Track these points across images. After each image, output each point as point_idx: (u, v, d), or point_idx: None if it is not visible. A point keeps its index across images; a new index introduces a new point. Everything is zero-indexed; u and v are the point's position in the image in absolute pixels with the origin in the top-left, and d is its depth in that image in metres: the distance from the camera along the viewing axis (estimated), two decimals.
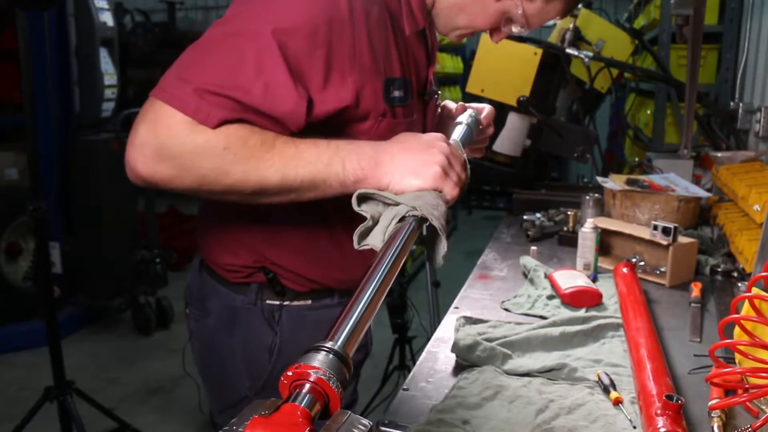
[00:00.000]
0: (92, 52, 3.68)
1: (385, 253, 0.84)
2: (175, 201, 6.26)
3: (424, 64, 1.21)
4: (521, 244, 2.00)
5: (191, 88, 0.91)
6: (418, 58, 1.17)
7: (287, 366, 1.01)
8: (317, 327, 1.14)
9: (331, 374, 0.61)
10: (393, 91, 1.08)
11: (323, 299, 1.23)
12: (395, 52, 1.09)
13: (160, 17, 7.81)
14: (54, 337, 2.48)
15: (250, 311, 1.20)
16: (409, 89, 1.12)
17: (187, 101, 0.90)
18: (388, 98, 1.08)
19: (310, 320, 1.22)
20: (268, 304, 1.20)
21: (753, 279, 1.04)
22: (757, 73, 2.81)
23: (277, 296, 1.20)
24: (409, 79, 1.13)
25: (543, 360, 1.19)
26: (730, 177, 1.98)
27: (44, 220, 2.46)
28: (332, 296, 1.24)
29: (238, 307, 1.21)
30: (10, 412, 2.91)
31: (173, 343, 3.91)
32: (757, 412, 1.00)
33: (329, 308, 1.23)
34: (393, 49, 1.08)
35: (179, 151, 0.91)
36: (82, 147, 3.85)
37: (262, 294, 1.20)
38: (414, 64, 1.16)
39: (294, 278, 1.19)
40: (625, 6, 6.08)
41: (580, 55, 2.41)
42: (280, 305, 1.20)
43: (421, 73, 1.20)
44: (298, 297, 1.21)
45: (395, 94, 1.09)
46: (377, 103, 1.06)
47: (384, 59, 1.06)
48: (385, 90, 1.07)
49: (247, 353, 1.23)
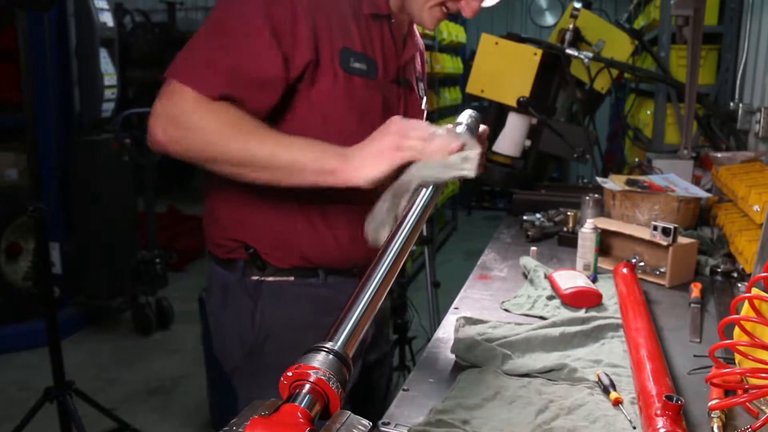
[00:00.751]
0: (92, 52, 3.68)
1: (384, 253, 0.84)
2: (175, 201, 6.26)
3: (393, 52, 1.28)
4: (521, 244, 2.00)
5: (195, 66, 1.09)
6: (385, 44, 1.26)
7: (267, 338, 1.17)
8: (298, 302, 1.28)
9: (331, 375, 0.61)
10: (353, 62, 1.19)
11: (308, 278, 1.30)
12: (355, 28, 1.20)
13: (160, 17, 7.80)
14: (54, 338, 2.48)
15: (237, 287, 1.30)
16: (374, 67, 1.22)
17: (192, 76, 1.08)
18: (346, 66, 1.18)
19: (291, 295, 1.29)
20: (252, 279, 1.29)
21: (753, 279, 1.04)
22: (757, 73, 2.81)
23: (258, 271, 1.29)
24: (373, 58, 1.22)
25: (543, 360, 1.19)
26: (730, 177, 1.98)
27: (44, 221, 2.46)
28: (317, 276, 1.31)
29: (229, 284, 1.32)
30: (9, 413, 2.91)
31: (173, 343, 3.91)
32: (757, 413, 1.01)
33: (314, 287, 1.30)
34: (352, 25, 1.20)
35: (185, 121, 1.09)
36: (82, 147, 3.85)
37: (246, 270, 1.29)
38: (381, 49, 1.25)
39: (273, 254, 1.28)
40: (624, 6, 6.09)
41: (580, 55, 2.41)
42: (261, 280, 1.29)
43: (390, 60, 1.27)
44: (279, 273, 1.29)
45: (355, 65, 1.19)
46: (333, 66, 1.17)
47: (341, 30, 1.17)
48: (342, 57, 1.17)
49: (238, 326, 1.32)
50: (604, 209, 2.04)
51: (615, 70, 2.63)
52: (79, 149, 3.86)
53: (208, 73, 1.08)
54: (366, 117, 1.22)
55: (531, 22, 7.85)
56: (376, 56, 1.24)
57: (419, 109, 1.42)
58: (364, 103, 1.23)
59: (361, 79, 1.21)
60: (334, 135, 1.15)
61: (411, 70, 1.37)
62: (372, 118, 1.22)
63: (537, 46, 2.42)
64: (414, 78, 1.39)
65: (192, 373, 3.41)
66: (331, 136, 1.14)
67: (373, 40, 1.24)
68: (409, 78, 1.36)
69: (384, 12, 1.25)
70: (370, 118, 1.22)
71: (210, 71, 1.09)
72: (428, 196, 1.03)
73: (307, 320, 1.30)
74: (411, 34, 1.35)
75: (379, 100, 1.25)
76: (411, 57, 1.35)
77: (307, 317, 1.30)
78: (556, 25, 2.72)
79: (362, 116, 1.22)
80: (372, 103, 1.24)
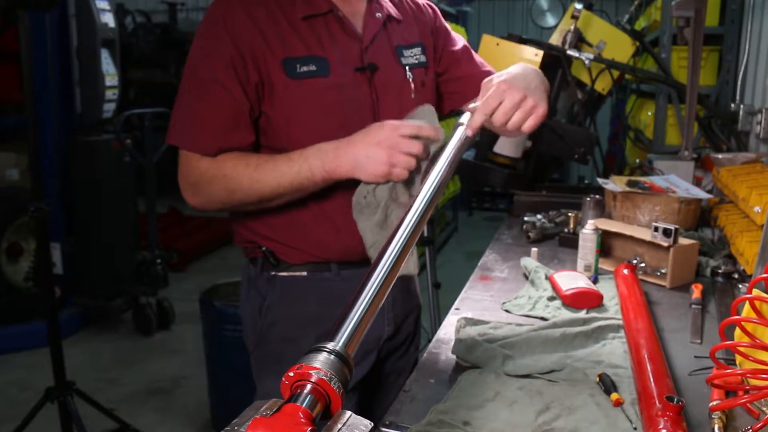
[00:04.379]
0: (93, 53, 3.68)
1: (384, 253, 0.84)
2: (176, 202, 6.26)
3: (347, 42, 1.30)
4: (522, 245, 2.00)
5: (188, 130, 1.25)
6: (337, 38, 1.29)
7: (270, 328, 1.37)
8: (305, 296, 1.36)
9: (333, 375, 0.61)
10: (300, 68, 1.24)
11: (322, 272, 1.37)
12: (294, 34, 1.25)
13: (161, 18, 7.81)
14: (55, 338, 2.48)
15: (256, 281, 1.41)
16: (325, 65, 1.26)
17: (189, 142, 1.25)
18: (292, 73, 1.24)
19: (299, 289, 1.37)
20: (268, 274, 1.39)
21: (754, 281, 1.04)
22: (758, 74, 2.81)
23: (273, 267, 1.38)
24: (322, 56, 1.26)
25: (544, 361, 1.19)
26: (731, 178, 1.98)
27: (45, 221, 2.46)
28: (329, 269, 1.37)
29: (251, 277, 1.42)
30: (10, 413, 2.92)
31: (174, 343, 3.91)
32: (757, 414, 1.01)
33: (328, 281, 1.37)
34: (290, 32, 1.25)
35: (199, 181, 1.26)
36: (84, 148, 3.85)
37: (264, 266, 1.39)
38: (331, 43, 1.28)
39: (285, 251, 1.36)
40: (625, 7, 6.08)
41: (581, 56, 2.41)
42: (274, 275, 1.38)
43: (346, 51, 1.30)
44: (292, 268, 1.37)
45: (302, 69, 1.25)
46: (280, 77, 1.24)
47: (279, 42, 1.24)
48: (286, 66, 1.24)
49: (252, 317, 1.42)
50: (605, 210, 2.03)
51: (616, 71, 2.62)
52: (80, 150, 3.87)
53: (199, 136, 1.24)
54: (331, 113, 1.28)
55: (532, 23, 7.84)
56: (327, 52, 1.27)
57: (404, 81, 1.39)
58: (325, 101, 1.27)
59: (314, 79, 1.25)
60: (307, 138, 1.24)
61: (382, 48, 1.36)
62: (337, 112, 1.28)
63: (538, 47, 2.42)
64: (391, 53, 1.37)
65: (192, 374, 3.42)
66: (305, 140, 1.24)
67: (321, 37, 1.27)
68: (377, 60, 1.34)
69: (322, 10, 1.28)
70: (335, 114, 1.28)
71: (199, 133, 1.24)
72: (429, 196, 1.03)
73: (310, 314, 1.35)
74: (370, 11, 1.35)
75: (335, 93, 1.28)
76: (373, 37, 1.33)
77: (310, 311, 1.35)
78: (557, 26, 2.72)
79: (326, 113, 1.28)
80: (334, 99, 1.28)
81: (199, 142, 1.25)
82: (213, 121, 1.24)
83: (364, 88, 1.32)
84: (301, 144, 1.24)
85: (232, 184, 1.24)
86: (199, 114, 1.25)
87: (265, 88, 1.25)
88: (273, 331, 1.38)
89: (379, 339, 1.44)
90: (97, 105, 3.74)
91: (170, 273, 4.23)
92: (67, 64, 3.93)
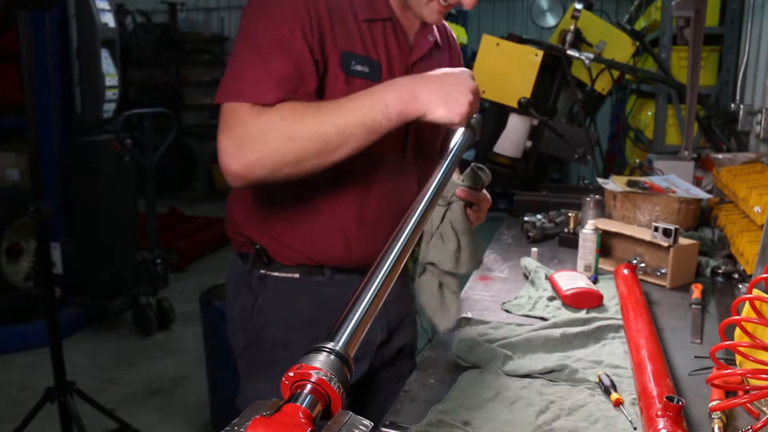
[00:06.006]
0: (93, 53, 3.68)
1: (385, 253, 0.84)
2: (176, 202, 6.27)
3: (398, 53, 1.29)
4: (522, 245, 2.00)
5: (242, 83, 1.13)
6: (389, 46, 1.27)
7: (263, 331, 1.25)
8: (298, 299, 1.32)
9: (333, 375, 0.61)
10: (355, 65, 1.21)
11: (314, 275, 1.33)
12: (356, 31, 1.22)
13: (161, 18, 7.80)
14: (55, 338, 2.48)
15: (246, 278, 1.36)
16: (377, 69, 1.24)
17: (245, 92, 1.12)
18: (347, 68, 1.20)
19: (293, 291, 1.33)
20: (258, 272, 1.34)
21: (754, 281, 1.04)
22: (758, 74, 2.81)
23: (264, 266, 1.33)
24: (376, 60, 1.24)
25: (544, 361, 1.19)
26: (731, 178, 1.98)
27: (45, 221, 2.46)
28: (322, 273, 1.33)
29: (240, 274, 1.37)
30: (10, 413, 2.92)
31: (174, 343, 3.91)
32: (757, 414, 1.01)
33: (320, 285, 1.33)
34: (354, 29, 1.22)
35: (252, 135, 1.11)
36: (84, 148, 3.85)
37: (254, 263, 1.34)
38: (385, 50, 1.26)
39: (279, 249, 1.32)
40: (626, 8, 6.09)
41: (581, 56, 2.41)
42: (266, 274, 1.33)
43: (396, 61, 1.28)
44: (284, 269, 1.33)
45: (357, 67, 1.21)
46: (335, 68, 1.20)
47: (343, 34, 1.20)
48: (343, 59, 1.20)
49: (242, 316, 1.38)
50: (605, 210, 2.04)
51: (616, 71, 2.63)
52: (80, 150, 3.86)
53: (257, 86, 1.12)
54: None
55: (532, 23, 7.86)
56: (380, 58, 1.25)
57: None
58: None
59: (363, 81, 1.22)
60: None
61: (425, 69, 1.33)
62: None
63: (538, 47, 2.42)
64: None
65: (192, 374, 3.42)
66: None
67: (377, 42, 1.26)
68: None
69: (382, 15, 1.26)
70: None
71: (258, 83, 1.13)
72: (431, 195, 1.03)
73: (304, 317, 1.33)
74: (424, 32, 1.34)
75: None
76: (422, 56, 1.33)
77: (303, 314, 1.33)
78: (557, 26, 2.72)
79: None
80: None
81: (259, 91, 1.12)
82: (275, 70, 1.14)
83: None
84: None
85: (291, 128, 1.10)
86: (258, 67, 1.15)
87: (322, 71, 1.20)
88: (266, 333, 1.35)
89: (372, 345, 1.41)
90: (97, 105, 3.74)
91: (170, 273, 4.22)
92: (67, 64, 3.93)
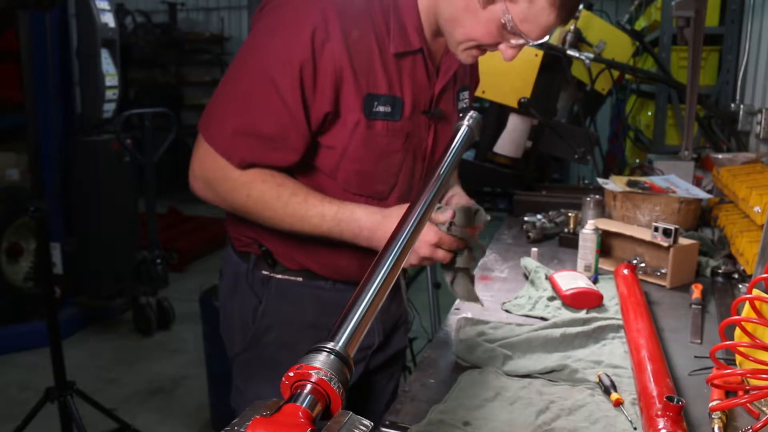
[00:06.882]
0: (93, 53, 3.67)
1: (385, 254, 0.84)
2: (176, 202, 6.26)
3: (426, 83, 1.25)
4: (522, 245, 2.00)
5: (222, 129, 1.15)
6: (417, 77, 1.23)
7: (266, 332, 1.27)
8: (302, 301, 1.32)
9: (333, 375, 0.61)
10: (377, 106, 1.18)
11: (317, 281, 1.33)
12: (381, 69, 1.17)
13: (161, 18, 7.80)
14: (55, 338, 2.48)
15: (247, 278, 1.35)
16: (399, 107, 1.20)
17: (220, 143, 1.15)
18: (369, 112, 1.17)
19: (296, 294, 1.33)
20: (261, 273, 1.33)
21: (754, 281, 1.04)
22: (758, 74, 2.81)
23: (268, 267, 1.33)
24: (399, 97, 1.20)
25: (544, 361, 1.19)
26: (731, 179, 1.98)
27: (45, 221, 2.46)
28: (326, 279, 1.33)
29: (240, 273, 1.36)
30: (10, 413, 2.91)
31: (174, 343, 3.91)
32: (757, 414, 1.01)
33: (322, 290, 1.33)
34: (379, 66, 1.17)
35: (219, 184, 1.19)
36: (84, 148, 3.85)
37: (257, 264, 1.34)
38: (411, 84, 1.22)
39: (283, 256, 1.32)
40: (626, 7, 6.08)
41: (581, 56, 2.41)
42: (269, 276, 1.33)
43: (421, 93, 1.24)
44: (288, 272, 1.33)
45: (379, 109, 1.18)
46: (355, 114, 1.17)
47: (366, 76, 1.16)
48: (366, 103, 1.16)
49: (242, 316, 1.37)
50: (605, 210, 2.04)
51: (616, 71, 2.63)
52: (80, 150, 3.86)
53: (234, 142, 1.15)
54: (384, 157, 1.23)
55: None
56: (404, 93, 1.21)
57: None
58: (385, 145, 1.22)
59: (384, 122, 1.20)
60: (349, 171, 1.21)
61: (449, 95, 1.33)
62: (393, 159, 1.24)
63: (538, 47, 2.41)
64: (453, 103, 1.35)
65: (192, 374, 3.41)
66: (347, 174, 1.21)
67: (403, 76, 1.21)
68: (444, 108, 1.31)
69: (415, 47, 1.20)
70: (388, 158, 1.24)
71: (236, 139, 1.15)
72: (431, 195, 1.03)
73: (308, 320, 1.32)
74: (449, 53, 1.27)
75: (401, 140, 1.24)
76: (446, 83, 1.30)
77: (308, 317, 1.32)
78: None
79: (381, 157, 1.23)
80: (393, 145, 1.23)
81: (233, 149, 1.14)
82: (256, 131, 1.14)
83: (423, 132, 1.28)
84: (337, 172, 1.21)
85: (253, 207, 1.19)
86: (242, 116, 1.14)
87: (333, 120, 1.17)
88: (269, 335, 1.34)
89: (368, 349, 1.41)
90: (97, 105, 3.74)
91: (170, 273, 4.22)
92: (67, 64, 3.93)
